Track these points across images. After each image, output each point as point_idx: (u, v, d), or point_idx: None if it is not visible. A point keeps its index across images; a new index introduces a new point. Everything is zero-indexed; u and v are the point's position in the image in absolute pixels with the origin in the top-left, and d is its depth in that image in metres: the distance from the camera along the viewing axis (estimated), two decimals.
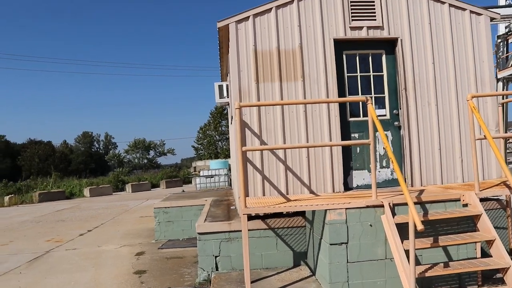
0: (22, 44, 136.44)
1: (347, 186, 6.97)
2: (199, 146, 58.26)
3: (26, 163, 64.67)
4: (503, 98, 8.15)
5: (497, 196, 6.43)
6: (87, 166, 73.73)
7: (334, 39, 6.97)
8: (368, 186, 7.02)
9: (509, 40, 21.50)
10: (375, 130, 5.40)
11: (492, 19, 7.67)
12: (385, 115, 7.15)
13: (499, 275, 5.59)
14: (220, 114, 55.49)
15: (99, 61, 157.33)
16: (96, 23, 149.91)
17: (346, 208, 5.25)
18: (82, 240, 11.16)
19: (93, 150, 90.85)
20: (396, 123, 7.14)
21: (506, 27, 19.71)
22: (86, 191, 28.75)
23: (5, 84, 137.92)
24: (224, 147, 54.08)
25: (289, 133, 6.76)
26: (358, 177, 7.06)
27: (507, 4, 23.83)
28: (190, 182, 36.05)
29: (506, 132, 13.93)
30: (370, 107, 5.34)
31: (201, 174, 19.14)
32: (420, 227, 4.13)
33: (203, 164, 49.48)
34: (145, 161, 74.02)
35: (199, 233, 6.48)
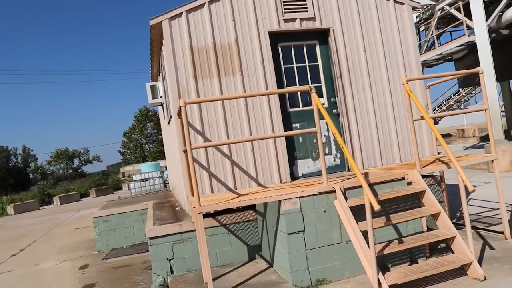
0: None
1: (293, 176, 7.06)
2: (126, 151, 56.78)
3: None
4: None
5: (432, 173, 6.80)
6: (5, 182, 69.36)
7: (269, 32, 7.01)
8: (312, 174, 7.16)
9: (420, 28, 22.71)
10: (321, 118, 5.51)
11: (413, 8, 8.08)
12: (323, 104, 7.30)
13: (442, 245, 5.94)
14: (145, 116, 54.40)
15: (7, 70, 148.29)
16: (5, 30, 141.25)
17: (300, 197, 5.32)
18: (15, 261, 10.49)
19: (10, 165, 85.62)
20: (334, 110, 7.33)
21: (417, 17, 20.82)
22: (10, 209, 27.06)
23: None
24: (152, 149, 53.11)
25: (232, 128, 6.73)
26: (303, 166, 7.18)
27: None
28: (121, 188, 35.07)
29: None
30: (314, 95, 5.43)
31: (134, 178, 18.63)
32: (377, 207, 4.26)
33: (132, 169, 48.27)
34: (70, 171, 70.78)
35: (150, 238, 6.29)
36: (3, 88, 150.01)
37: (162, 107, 10.10)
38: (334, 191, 5.39)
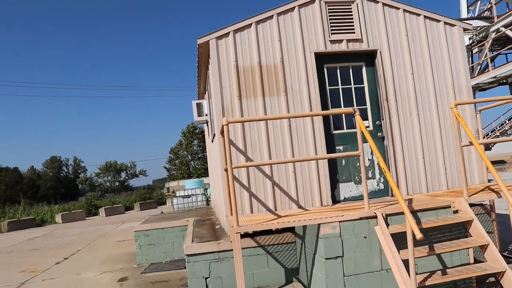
0: None
1: (335, 199, 6.94)
2: (171, 167, 57.70)
3: None
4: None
5: (481, 201, 6.52)
6: (56, 191, 72.02)
7: (315, 53, 6.99)
8: (355, 198, 7.00)
9: (473, 51, 22.16)
10: (364, 141, 5.40)
11: (465, 29, 7.86)
12: (368, 127, 7.17)
13: (491, 279, 5.63)
14: (192, 133, 55.22)
15: (62, 84, 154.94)
16: (60, 46, 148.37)
17: (340, 221, 5.20)
18: (59, 269, 10.73)
19: (62, 174, 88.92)
20: (379, 134, 7.17)
21: (470, 39, 20.35)
22: (58, 217, 27.93)
23: None
24: (197, 166, 53.75)
25: (274, 148, 6.70)
26: (345, 189, 7.04)
27: (469, 16, 24.62)
28: (165, 203, 35.53)
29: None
30: (358, 118, 5.34)
31: (177, 194, 18.84)
32: (419, 235, 4.10)
33: (176, 185, 48.92)
34: (117, 183, 72.66)
35: (188, 255, 6.31)
36: (65, 101, 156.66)
37: (207, 125, 10.22)
38: (376, 217, 5.24)
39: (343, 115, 7.13)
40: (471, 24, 8.76)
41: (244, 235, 6.26)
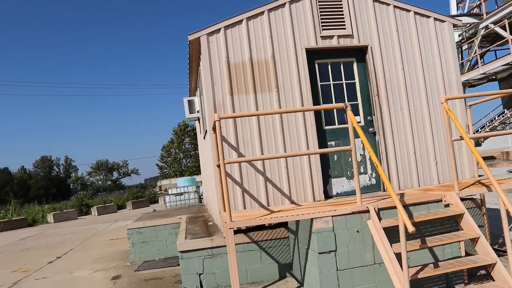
0: None
1: (327, 194, 6.96)
2: (164, 164, 57.61)
3: None
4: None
5: (472, 195, 6.57)
6: (47, 191, 71.62)
7: (306, 49, 7.01)
8: (347, 193, 7.04)
9: (463, 47, 22.29)
10: (356, 136, 5.43)
11: (455, 26, 7.92)
12: (359, 122, 7.20)
13: (482, 272, 5.69)
14: (183, 131, 55.16)
15: (54, 83, 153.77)
16: (49, 45, 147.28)
17: (332, 216, 5.22)
18: (52, 268, 10.68)
19: (53, 174, 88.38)
20: (370, 129, 7.21)
21: (459, 35, 20.48)
22: (50, 217, 27.76)
23: None
24: (189, 164, 53.71)
25: (266, 144, 6.71)
26: (337, 184, 7.07)
27: (459, 13, 24.77)
28: (157, 202, 35.49)
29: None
30: (350, 113, 5.36)
31: (169, 192, 18.81)
32: (411, 229, 4.13)
33: (168, 183, 48.87)
34: (109, 182, 72.38)
35: (181, 251, 6.31)
36: (52, 100, 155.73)
37: (199, 122, 10.21)
38: (368, 211, 5.27)
39: (335, 110, 7.16)
40: (461, 20, 8.83)
41: (238, 231, 6.27)
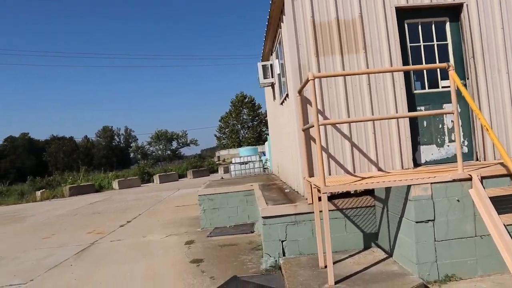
0: (34, 39, 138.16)
1: (416, 162, 6.57)
2: (221, 135, 58.14)
3: (52, 159, 65.46)
4: None
5: None
6: (109, 160, 74.29)
7: (395, 7, 6.54)
8: (436, 162, 6.63)
9: None
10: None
11: None
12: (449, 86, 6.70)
13: None
14: (242, 102, 55.26)
15: (112, 54, 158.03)
16: (112, 17, 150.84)
17: (432, 183, 4.87)
18: (124, 231, 10.94)
19: (113, 144, 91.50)
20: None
21: None
22: (115, 184, 28.75)
23: (22, 81, 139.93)
24: (247, 135, 53.89)
25: (353, 108, 6.38)
26: (426, 152, 6.66)
27: None
28: (217, 171, 35.96)
29: None
30: (453, 73, 4.93)
31: (233, 161, 18.87)
32: None
33: (227, 153, 49.35)
34: (169, 152, 73.97)
35: (264, 217, 6.16)
36: (116, 71, 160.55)
37: (273, 88, 9.95)
38: (470, 179, 4.88)
39: (425, 73, 6.70)
40: None
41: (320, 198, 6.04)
